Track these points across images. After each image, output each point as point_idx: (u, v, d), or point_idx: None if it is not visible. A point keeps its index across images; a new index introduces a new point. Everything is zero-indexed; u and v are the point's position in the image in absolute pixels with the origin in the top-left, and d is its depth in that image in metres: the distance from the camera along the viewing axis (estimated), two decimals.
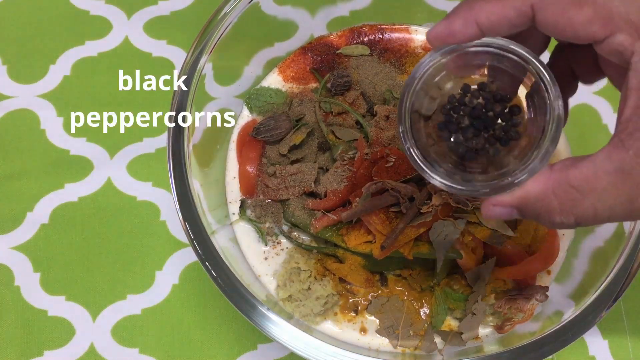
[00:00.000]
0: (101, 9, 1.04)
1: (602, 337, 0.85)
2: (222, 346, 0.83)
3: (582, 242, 0.82)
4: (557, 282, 0.81)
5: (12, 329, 0.83)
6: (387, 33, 0.96)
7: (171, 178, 0.72)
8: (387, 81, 0.89)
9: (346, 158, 0.81)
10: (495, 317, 0.77)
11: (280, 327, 0.68)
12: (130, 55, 1.01)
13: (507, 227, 0.75)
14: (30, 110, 0.97)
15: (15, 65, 1.00)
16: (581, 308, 0.70)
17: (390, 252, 0.73)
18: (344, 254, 0.78)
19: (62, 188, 0.91)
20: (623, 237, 0.74)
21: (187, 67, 0.78)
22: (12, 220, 0.89)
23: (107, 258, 0.88)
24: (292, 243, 0.82)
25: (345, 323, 0.78)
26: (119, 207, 0.90)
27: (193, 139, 0.76)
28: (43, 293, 0.85)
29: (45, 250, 0.88)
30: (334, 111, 0.86)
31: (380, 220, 0.74)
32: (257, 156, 0.85)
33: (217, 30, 0.80)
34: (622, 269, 0.71)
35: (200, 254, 0.70)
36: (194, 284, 0.86)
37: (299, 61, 0.93)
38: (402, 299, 0.79)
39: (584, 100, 0.90)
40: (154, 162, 0.93)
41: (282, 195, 0.81)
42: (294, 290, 0.77)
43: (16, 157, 0.94)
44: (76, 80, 0.99)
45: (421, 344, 0.76)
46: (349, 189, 0.78)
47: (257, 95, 0.89)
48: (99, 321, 0.84)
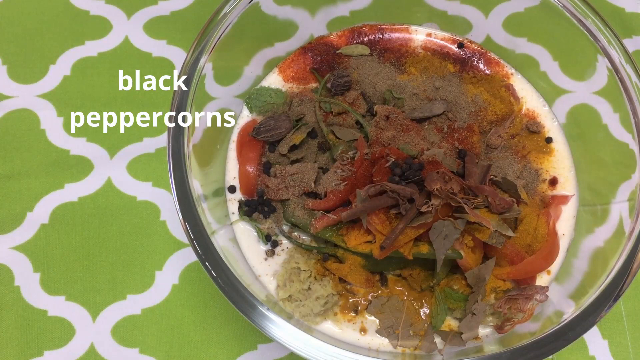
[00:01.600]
0: (101, 9, 1.05)
1: (602, 337, 0.85)
2: (222, 346, 0.83)
3: (582, 242, 0.82)
4: (557, 282, 0.81)
5: (12, 329, 0.83)
6: (387, 33, 0.96)
7: (171, 178, 0.72)
8: (387, 81, 0.89)
9: (346, 158, 0.81)
10: (495, 317, 0.77)
11: (280, 327, 0.67)
12: (130, 55, 1.01)
13: (507, 227, 0.75)
14: (30, 110, 0.97)
15: (15, 65, 1.00)
16: (581, 308, 0.70)
17: (390, 252, 0.73)
18: (344, 254, 0.78)
19: (62, 188, 0.91)
20: (623, 237, 0.74)
21: (187, 67, 0.78)
22: (12, 220, 0.89)
23: (107, 258, 0.88)
24: (292, 243, 0.82)
25: (345, 323, 0.78)
26: (119, 207, 0.91)
27: (193, 139, 0.76)
28: (43, 293, 0.85)
29: (45, 250, 0.88)
30: (334, 111, 0.86)
31: (380, 221, 0.74)
32: (257, 156, 0.85)
33: (217, 30, 0.80)
34: (622, 269, 0.71)
35: (200, 254, 0.70)
36: (194, 284, 0.86)
37: (299, 61, 0.93)
38: (402, 299, 0.79)
39: (584, 100, 0.90)
40: (154, 162, 0.93)
41: (282, 195, 0.81)
42: (294, 290, 0.77)
43: (16, 157, 0.94)
44: (76, 80, 0.99)
45: (421, 344, 0.76)
46: (349, 189, 0.78)
47: (257, 95, 0.89)
48: (99, 321, 0.84)
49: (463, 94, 0.88)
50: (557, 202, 0.85)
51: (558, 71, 0.92)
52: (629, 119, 0.79)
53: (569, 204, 0.85)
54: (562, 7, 0.85)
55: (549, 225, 0.80)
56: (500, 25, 0.95)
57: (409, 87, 0.88)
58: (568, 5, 0.84)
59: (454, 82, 0.90)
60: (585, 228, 0.83)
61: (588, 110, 0.89)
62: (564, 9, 0.85)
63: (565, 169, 0.88)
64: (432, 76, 0.91)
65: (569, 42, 0.87)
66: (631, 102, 0.79)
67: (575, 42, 0.85)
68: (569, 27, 0.85)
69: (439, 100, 0.87)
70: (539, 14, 0.89)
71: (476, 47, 0.96)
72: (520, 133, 0.89)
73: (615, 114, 0.83)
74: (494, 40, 0.96)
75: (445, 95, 0.88)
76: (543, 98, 0.93)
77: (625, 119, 0.80)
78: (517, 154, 0.87)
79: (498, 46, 0.95)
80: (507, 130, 0.88)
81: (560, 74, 0.92)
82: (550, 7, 0.86)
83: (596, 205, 0.83)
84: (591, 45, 0.83)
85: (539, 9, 0.88)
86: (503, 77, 0.93)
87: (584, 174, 0.87)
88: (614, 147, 0.83)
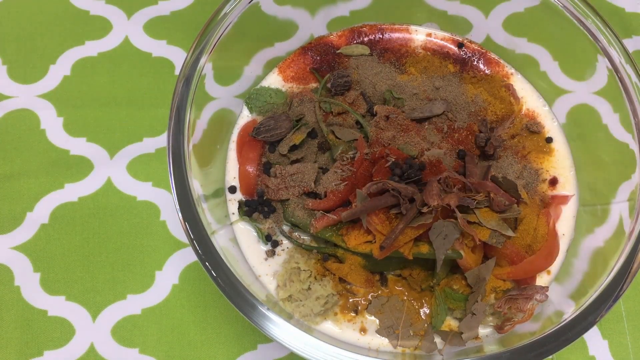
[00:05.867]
0: (101, 9, 1.05)
1: (602, 337, 0.85)
2: (222, 346, 0.83)
3: (582, 242, 0.82)
4: (557, 282, 0.81)
5: (12, 329, 0.83)
6: (387, 33, 0.96)
7: (171, 178, 0.72)
8: (387, 81, 0.89)
9: (346, 158, 0.81)
10: (495, 317, 0.77)
11: (280, 327, 0.67)
12: (130, 55, 1.01)
13: (507, 227, 0.75)
14: (30, 110, 0.97)
15: (15, 65, 1.00)
16: (581, 308, 0.70)
17: (390, 252, 0.73)
18: (344, 254, 0.78)
19: (62, 188, 0.91)
20: (623, 237, 0.74)
21: (187, 67, 0.78)
22: (12, 220, 0.89)
23: (107, 258, 0.88)
24: (292, 243, 0.82)
25: (345, 323, 0.78)
26: (119, 207, 0.91)
27: (193, 139, 0.76)
28: (43, 293, 0.85)
29: (45, 250, 0.88)
30: (334, 111, 0.86)
31: (380, 221, 0.74)
32: (257, 156, 0.85)
33: (217, 30, 0.80)
34: (622, 269, 0.71)
35: (200, 254, 0.70)
36: (194, 284, 0.86)
37: (299, 61, 0.93)
38: (402, 299, 0.79)
39: (584, 100, 0.90)
40: (154, 162, 0.93)
41: (282, 195, 0.81)
42: (294, 290, 0.77)
43: (16, 157, 0.94)
44: (76, 80, 0.99)
45: (421, 344, 0.76)
46: (349, 189, 0.78)
47: (257, 95, 0.89)
48: (99, 321, 0.84)
49: (463, 94, 0.88)
50: (557, 202, 0.85)
51: (558, 71, 0.92)
52: (629, 119, 0.79)
53: (569, 204, 0.85)
54: (562, 7, 0.85)
55: (549, 225, 0.80)
56: (500, 25, 0.95)
57: (409, 87, 0.88)
58: (568, 5, 0.84)
59: (454, 82, 0.90)
60: (585, 228, 0.83)
61: (588, 110, 0.89)
62: (564, 9, 0.85)
63: (565, 169, 0.88)
64: (432, 76, 0.91)
65: (569, 42, 0.87)
66: (631, 102, 0.79)
67: (575, 42, 0.85)
68: (569, 27, 0.85)
69: (439, 100, 0.87)
70: (539, 14, 0.89)
71: (476, 47, 0.96)
72: (520, 133, 0.89)
73: (615, 114, 0.83)
74: (494, 40, 0.96)
75: (445, 95, 0.88)
76: (543, 98, 0.93)
77: (625, 119, 0.80)
78: (517, 154, 0.87)
79: (498, 46, 0.95)
80: (507, 130, 0.88)
81: (560, 74, 0.92)
82: (550, 7, 0.86)
83: (596, 205, 0.83)
84: (591, 45, 0.83)
85: (539, 9, 0.88)
86: (503, 77, 0.93)
87: (584, 174, 0.87)
88: (614, 147, 0.83)
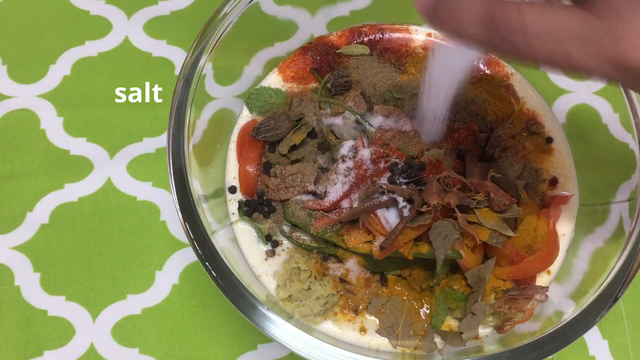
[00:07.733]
0: (101, 9, 1.05)
1: (602, 337, 0.85)
2: (222, 346, 0.83)
3: (582, 242, 0.82)
4: (557, 282, 0.81)
5: (12, 329, 0.83)
6: (387, 33, 0.96)
7: (171, 178, 0.72)
8: (387, 81, 0.89)
9: (346, 158, 0.80)
10: (495, 317, 0.77)
11: (280, 327, 0.67)
12: (130, 55, 1.01)
13: (507, 227, 0.75)
14: (30, 110, 0.97)
15: (15, 65, 1.00)
16: (581, 308, 0.70)
17: (390, 252, 0.73)
18: (344, 253, 0.78)
19: (62, 188, 0.91)
20: (623, 237, 0.74)
21: (187, 67, 0.78)
22: (12, 220, 0.89)
23: (107, 258, 0.88)
24: (292, 243, 0.82)
25: (345, 323, 0.78)
26: (119, 207, 0.91)
27: (193, 139, 0.76)
28: (43, 293, 0.85)
29: (45, 250, 0.88)
30: (334, 111, 0.86)
31: (379, 221, 0.73)
32: (257, 156, 0.85)
33: (217, 30, 0.80)
34: (622, 269, 0.71)
35: (200, 254, 0.70)
36: (194, 284, 0.86)
37: (299, 61, 0.93)
38: (402, 299, 0.79)
39: (584, 100, 0.90)
40: (154, 162, 0.93)
41: (282, 195, 0.81)
42: (294, 290, 0.77)
43: (16, 157, 0.94)
44: (76, 80, 0.99)
45: (421, 344, 0.76)
46: (348, 189, 0.78)
47: (257, 95, 0.89)
48: (99, 321, 0.84)
49: (463, 94, 0.88)
50: (557, 202, 0.85)
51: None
52: (629, 119, 0.79)
53: (569, 204, 0.85)
54: None
55: (549, 225, 0.80)
56: None
57: (409, 87, 0.88)
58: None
59: None
60: (585, 228, 0.83)
61: (588, 110, 0.89)
62: None
63: (565, 169, 0.88)
64: None
65: None
66: (631, 102, 0.79)
67: None
68: None
69: None
70: None
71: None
72: (520, 133, 0.89)
73: (615, 114, 0.83)
74: None
75: None
76: (543, 98, 0.93)
77: (625, 119, 0.80)
78: (517, 154, 0.86)
79: None
80: (507, 130, 0.88)
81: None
82: None
83: (596, 205, 0.83)
84: None
85: None
86: (503, 77, 0.93)
87: (584, 174, 0.87)
88: (614, 147, 0.83)
